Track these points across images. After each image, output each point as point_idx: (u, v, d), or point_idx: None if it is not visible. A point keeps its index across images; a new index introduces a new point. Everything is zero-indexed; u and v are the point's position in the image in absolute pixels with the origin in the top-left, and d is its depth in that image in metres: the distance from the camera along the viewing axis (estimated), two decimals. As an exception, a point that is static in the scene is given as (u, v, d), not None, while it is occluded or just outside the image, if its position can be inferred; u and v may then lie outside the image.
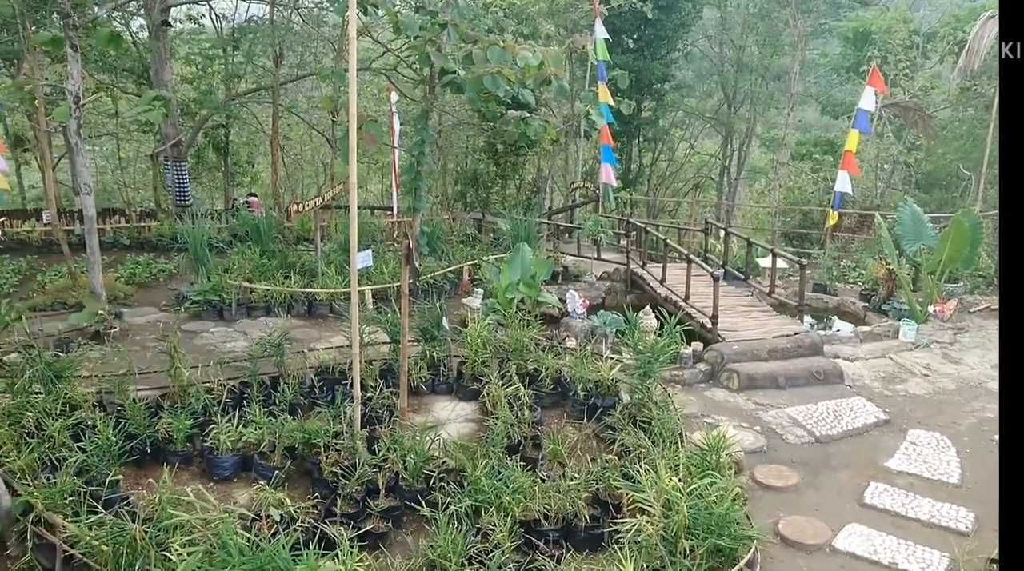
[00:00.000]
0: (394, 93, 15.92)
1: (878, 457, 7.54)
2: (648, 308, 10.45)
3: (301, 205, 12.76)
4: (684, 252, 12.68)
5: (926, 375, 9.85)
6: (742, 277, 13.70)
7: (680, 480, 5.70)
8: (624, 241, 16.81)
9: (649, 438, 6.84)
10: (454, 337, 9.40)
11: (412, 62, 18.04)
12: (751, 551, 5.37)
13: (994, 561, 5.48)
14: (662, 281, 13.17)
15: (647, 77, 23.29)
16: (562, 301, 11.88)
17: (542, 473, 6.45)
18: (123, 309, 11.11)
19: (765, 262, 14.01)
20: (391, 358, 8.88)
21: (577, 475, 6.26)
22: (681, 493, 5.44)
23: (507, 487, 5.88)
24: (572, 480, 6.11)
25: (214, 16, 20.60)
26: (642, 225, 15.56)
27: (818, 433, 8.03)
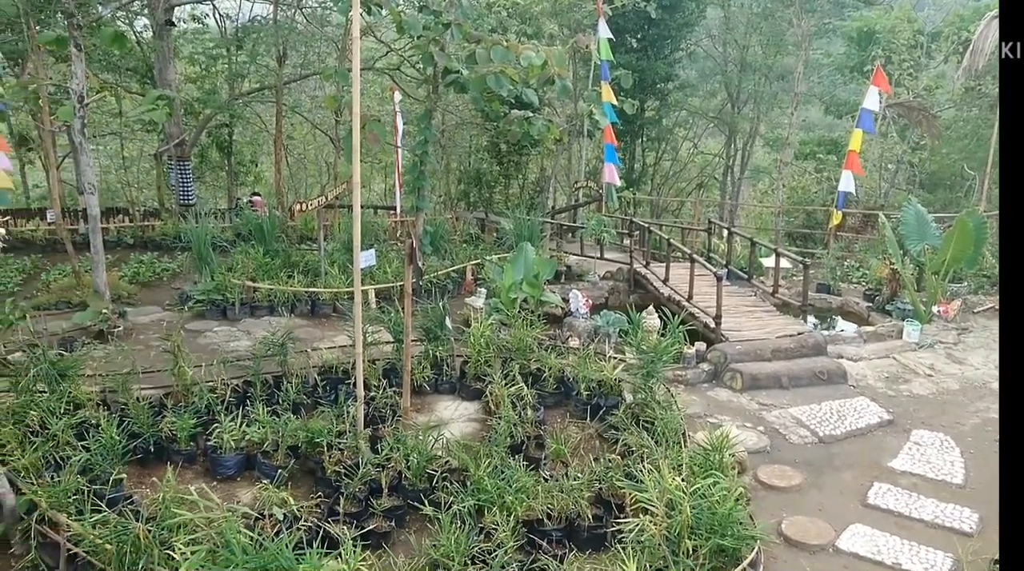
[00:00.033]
0: (398, 93, 15.93)
1: (882, 457, 7.52)
2: (651, 308, 10.43)
3: (305, 204, 12.77)
4: (687, 252, 12.65)
5: (930, 375, 9.82)
6: (745, 277, 13.69)
7: (683, 480, 5.68)
8: (627, 241, 16.79)
9: (652, 438, 6.83)
10: (457, 336, 9.39)
11: (416, 62, 18.04)
12: (754, 551, 5.37)
13: (998, 562, 5.47)
14: (665, 281, 13.16)
15: (651, 76, 23.27)
16: (565, 301, 11.87)
17: (545, 473, 6.43)
18: (127, 308, 11.13)
19: (768, 262, 13.99)
20: (394, 357, 8.90)
21: (580, 475, 6.25)
22: (684, 493, 5.43)
23: (510, 487, 5.88)
24: (575, 480, 6.10)
25: (218, 16, 20.68)
26: (645, 225, 15.55)
27: (821, 433, 8.02)
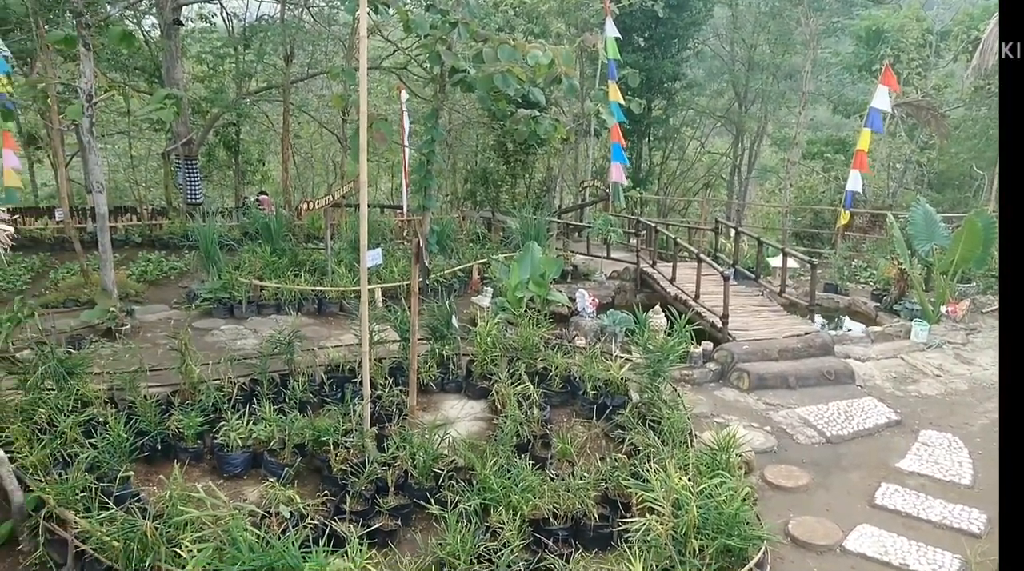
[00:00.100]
0: (404, 91, 15.96)
1: (889, 458, 7.49)
2: (658, 307, 10.42)
3: (311, 203, 12.79)
4: (694, 251, 12.63)
5: (938, 376, 9.77)
6: (752, 276, 13.64)
7: (690, 480, 5.68)
8: (634, 240, 16.77)
9: (658, 437, 6.81)
10: (463, 335, 9.40)
11: (422, 61, 18.07)
12: (761, 551, 5.35)
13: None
14: (672, 280, 13.13)
15: (658, 76, 23.21)
16: (572, 300, 11.86)
17: (551, 472, 6.44)
18: (134, 306, 11.19)
19: (776, 262, 13.95)
20: (400, 356, 8.90)
21: (586, 474, 6.24)
22: (691, 493, 5.42)
23: (516, 486, 5.87)
24: (581, 479, 6.09)
25: (225, 15, 20.71)
26: (652, 224, 15.54)
27: (829, 433, 7.99)
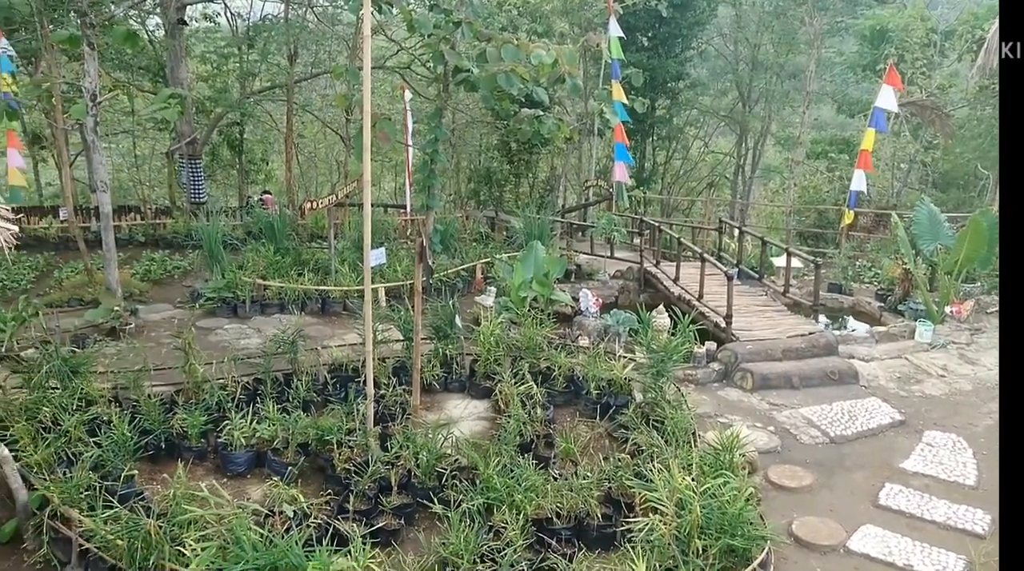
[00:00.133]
0: (408, 91, 15.95)
1: (893, 458, 7.47)
2: (661, 307, 10.40)
3: (315, 203, 12.81)
4: (698, 251, 12.61)
5: (942, 376, 9.75)
6: (756, 276, 13.62)
7: (693, 479, 5.67)
8: (638, 240, 16.76)
9: (662, 437, 6.81)
10: (467, 335, 9.40)
11: (426, 60, 18.08)
12: (764, 551, 5.34)
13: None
14: (676, 280, 13.11)
15: (661, 75, 23.18)
16: (575, 300, 11.85)
17: (554, 471, 6.43)
18: (138, 306, 11.21)
19: (780, 261, 13.92)
20: (404, 356, 8.91)
21: (589, 474, 6.24)
22: (694, 492, 5.41)
23: (519, 485, 5.87)
24: (584, 479, 6.09)
25: (229, 15, 20.75)
26: (656, 224, 15.50)
27: (832, 433, 7.97)
